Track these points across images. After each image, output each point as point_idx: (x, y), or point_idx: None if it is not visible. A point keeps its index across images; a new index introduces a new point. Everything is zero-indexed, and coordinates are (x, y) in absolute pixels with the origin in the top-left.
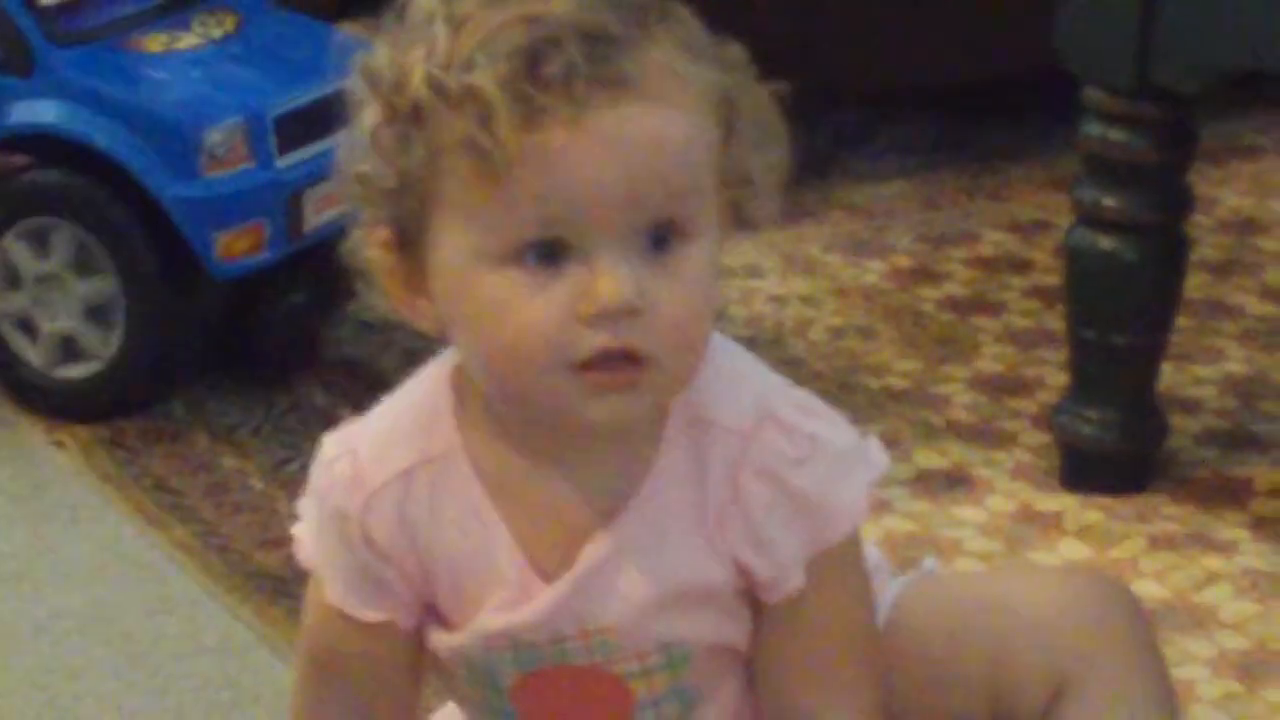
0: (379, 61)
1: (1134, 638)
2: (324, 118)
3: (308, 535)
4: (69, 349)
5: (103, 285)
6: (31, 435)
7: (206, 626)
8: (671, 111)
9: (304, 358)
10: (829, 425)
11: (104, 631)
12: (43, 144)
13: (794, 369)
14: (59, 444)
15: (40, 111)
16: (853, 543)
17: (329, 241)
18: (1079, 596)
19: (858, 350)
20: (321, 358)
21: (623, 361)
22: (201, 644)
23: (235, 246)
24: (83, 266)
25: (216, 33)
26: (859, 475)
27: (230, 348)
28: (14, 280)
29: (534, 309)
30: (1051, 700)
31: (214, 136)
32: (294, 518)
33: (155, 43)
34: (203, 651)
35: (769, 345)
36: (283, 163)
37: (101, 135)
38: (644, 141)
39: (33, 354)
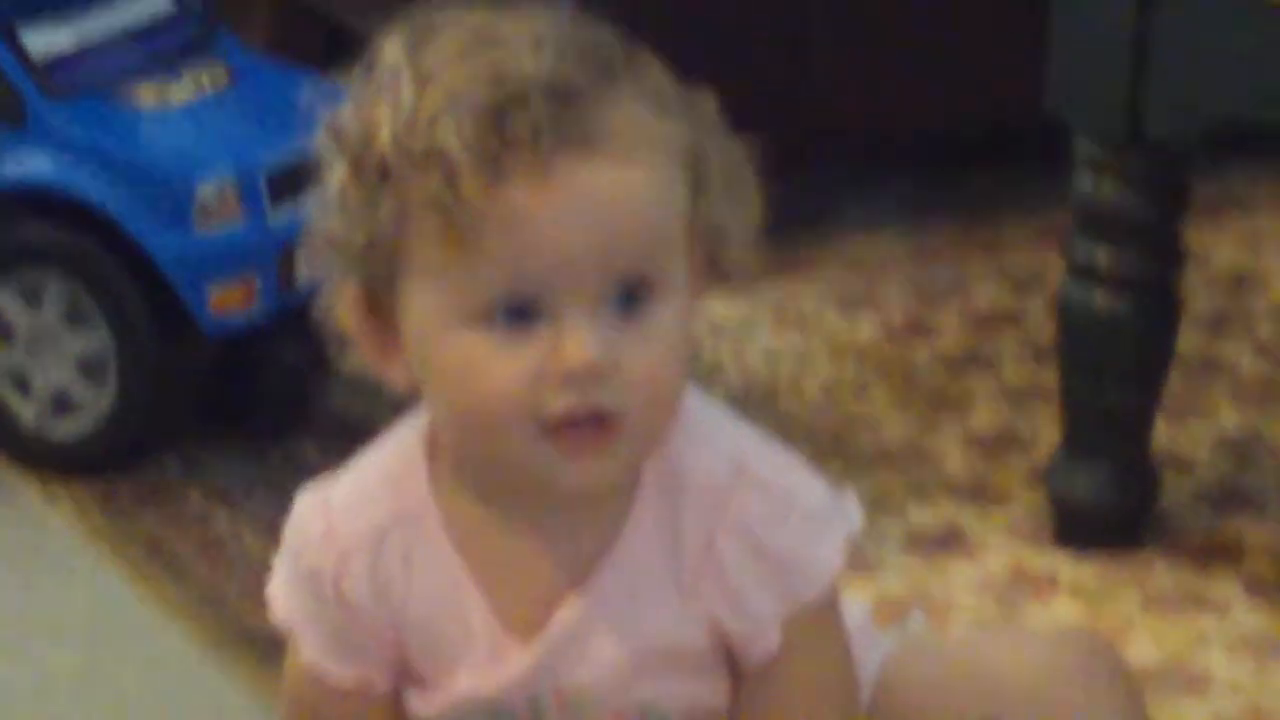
0: (345, 119)
1: (1123, 699)
2: (314, 172)
3: (280, 593)
4: (61, 403)
5: (95, 339)
6: (25, 493)
7: (200, 686)
8: (639, 168)
9: (296, 414)
10: (802, 481)
11: (98, 691)
12: (35, 197)
13: (786, 425)
14: (53, 502)
15: (32, 164)
16: (829, 600)
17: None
18: (1068, 658)
19: (851, 407)
20: (314, 414)
21: (593, 424)
22: (195, 703)
23: (227, 300)
24: (75, 320)
25: (209, 86)
26: (834, 532)
27: (223, 404)
28: (7, 335)
29: (502, 369)
30: None
31: (206, 190)
32: None
33: (148, 96)
34: (197, 711)
35: (762, 401)
36: (274, 217)
37: (93, 188)
38: (611, 199)
39: (26, 410)
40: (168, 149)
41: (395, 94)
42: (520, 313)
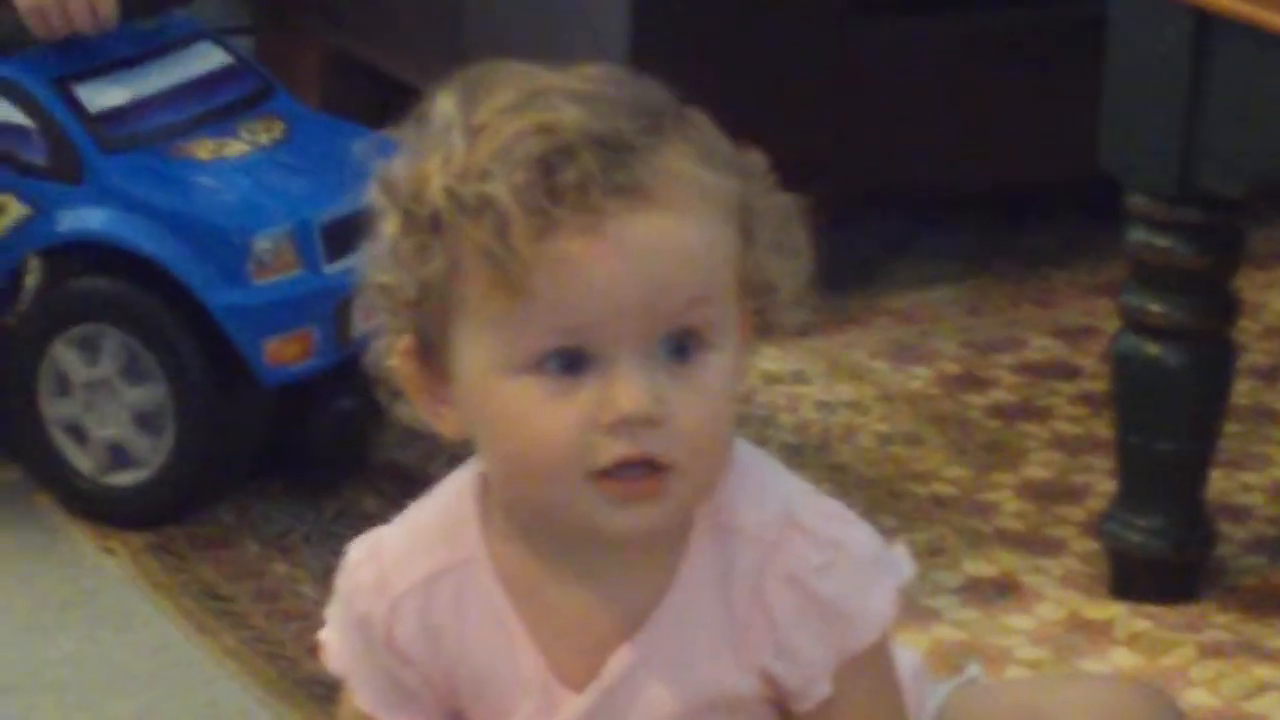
0: (397, 171)
1: None
2: (371, 224)
3: (334, 640)
4: (118, 456)
5: (152, 393)
6: (81, 542)
7: None
8: (688, 220)
9: (353, 463)
10: (853, 531)
11: None
12: (93, 251)
13: (841, 475)
14: (109, 551)
15: (90, 218)
16: (880, 649)
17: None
18: (1123, 707)
19: (905, 457)
20: (370, 463)
21: (643, 470)
22: None
23: (284, 353)
24: (132, 374)
25: (264, 139)
26: (885, 581)
27: (280, 453)
28: (64, 387)
29: (553, 418)
30: None
31: (262, 244)
32: None
33: (204, 150)
34: None
35: (816, 451)
36: (331, 269)
37: (150, 242)
38: (661, 250)
39: (82, 461)
40: (224, 202)
41: (447, 146)
42: (571, 362)
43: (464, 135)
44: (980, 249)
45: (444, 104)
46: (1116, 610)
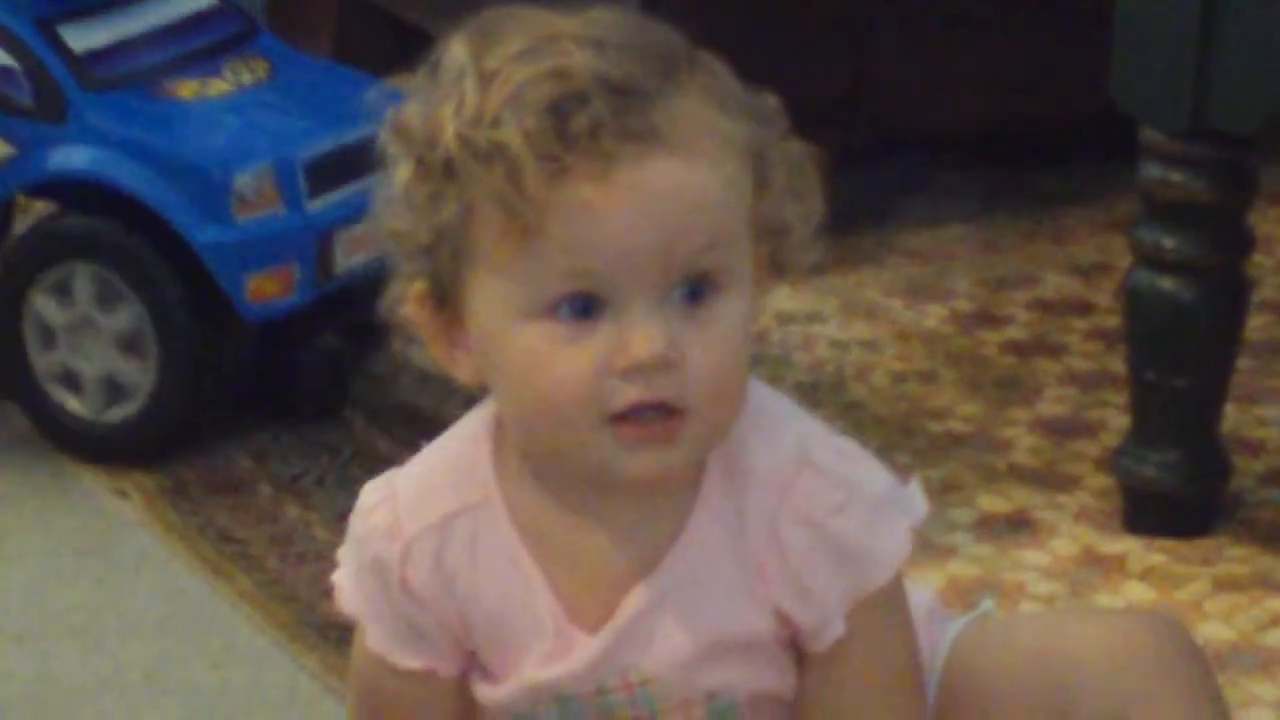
0: (410, 117)
1: (1195, 678)
2: (355, 162)
3: (347, 583)
4: (112, 388)
5: (130, 316)
6: (95, 488)
7: (272, 677)
8: (701, 164)
9: (337, 400)
10: (867, 471)
11: (169, 683)
12: (74, 190)
13: (856, 414)
14: (122, 495)
15: (74, 157)
16: (894, 588)
17: (362, 284)
18: (1138, 639)
19: (919, 395)
20: (384, 405)
21: (658, 414)
22: (267, 695)
23: (265, 289)
24: (106, 301)
25: (248, 79)
26: (899, 520)
27: (265, 390)
28: (48, 339)
29: (567, 363)
30: None
31: (244, 180)
32: None
33: (187, 89)
34: (268, 703)
35: (830, 390)
36: (313, 206)
37: (133, 180)
38: (673, 194)
39: (78, 405)
40: (206, 140)
41: (460, 92)
42: (585, 306)
43: (476, 81)
44: (994, 187)
45: (456, 50)
46: (1131, 545)
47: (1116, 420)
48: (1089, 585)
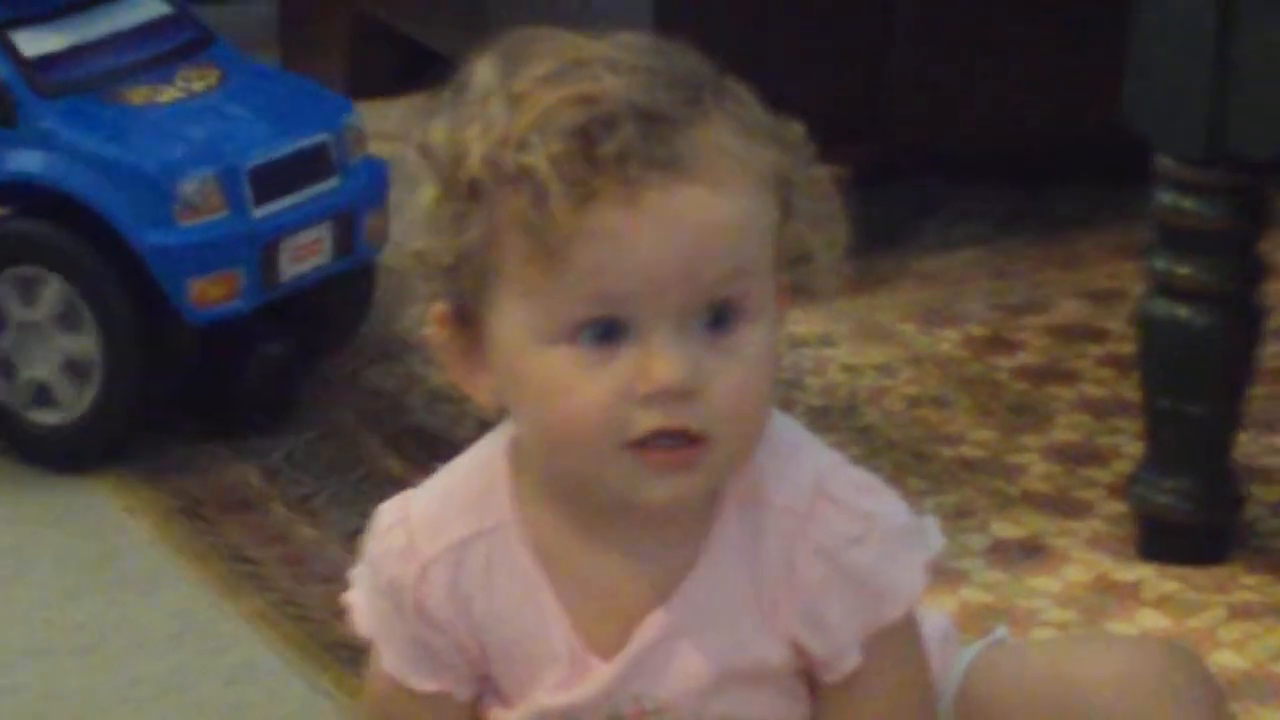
0: (436, 138)
1: (1208, 707)
2: (302, 170)
3: (361, 603)
4: (42, 396)
5: (84, 343)
6: (105, 504)
7: (285, 696)
8: (727, 192)
9: (281, 408)
10: (885, 503)
11: (181, 700)
12: (26, 194)
13: (868, 438)
14: (133, 513)
15: (23, 161)
16: (909, 621)
17: (309, 292)
18: (1151, 667)
19: (932, 419)
20: (396, 426)
21: (678, 441)
22: (280, 713)
23: (209, 294)
24: (67, 322)
25: (198, 86)
26: (915, 554)
27: (209, 399)
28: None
29: (589, 388)
30: None
31: (188, 186)
32: None
33: (138, 96)
34: None
35: (843, 414)
36: (258, 213)
37: (80, 184)
38: (698, 222)
39: (5, 392)
40: (152, 146)
41: (487, 115)
42: (607, 332)
43: (504, 104)
44: (1008, 212)
45: (484, 71)
46: (1144, 572)
47: (1130, 447)
48: (1102, 612)
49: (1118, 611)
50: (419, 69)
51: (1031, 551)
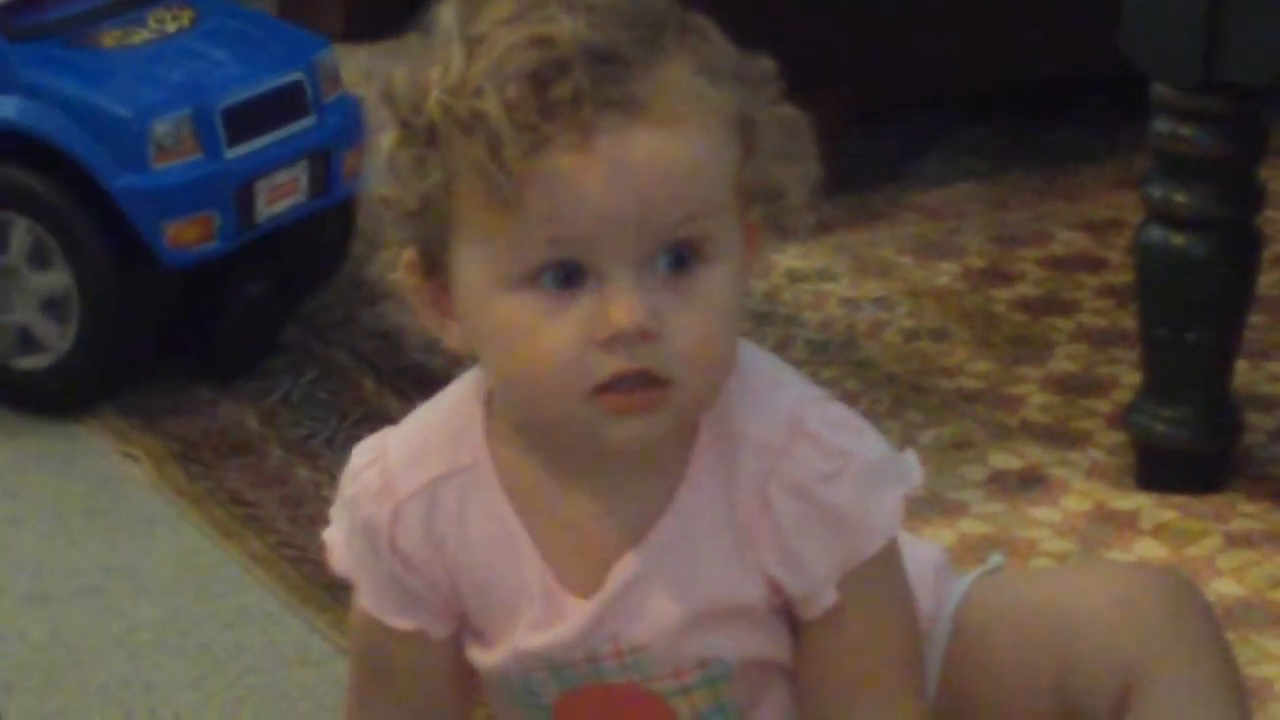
0: (397, 82)
1: (1202, 634)
2: (276, 110)
3: (339, 542)
4: (25, 340)
5: (58, 279)
6: (103, 449)
7: (284, 638)
8: (683, 133)
9: (261, 349)
10: (861, 439)
11: (181, 644)
12: (2, 139)
13: (867, 371)
14: (131, 457)
15: None
16: (888, 556)
17: (289, 232)
18: (1143, 593)
19: (931, 352)
20: (394, 366)
21: (642, 382)
22: (279, 655)
23: (185, 236)
24: (38, 261)
25: (171, 27)
26: (892, 489)
27: (189, 340)
28: None
29: (550, 333)
30: (1121, 698)
31: (161, 128)
32: None
33: (110, 38)
34: (280, 663)
35: (842, 348)
36: (232, 154)
37: (54, 129)
38: (654, 164)
39: None
40: (124, 88)
41: (445, 59)
42: (567, 276)
43: (462, 46)
44: (1006, 144)
45: (445, 14)
46: (1143, 501)
47: (1128, 377)
48: (1101, 542)
49: (1116, 541)
50: (419, 11)
51: (1030, 482)
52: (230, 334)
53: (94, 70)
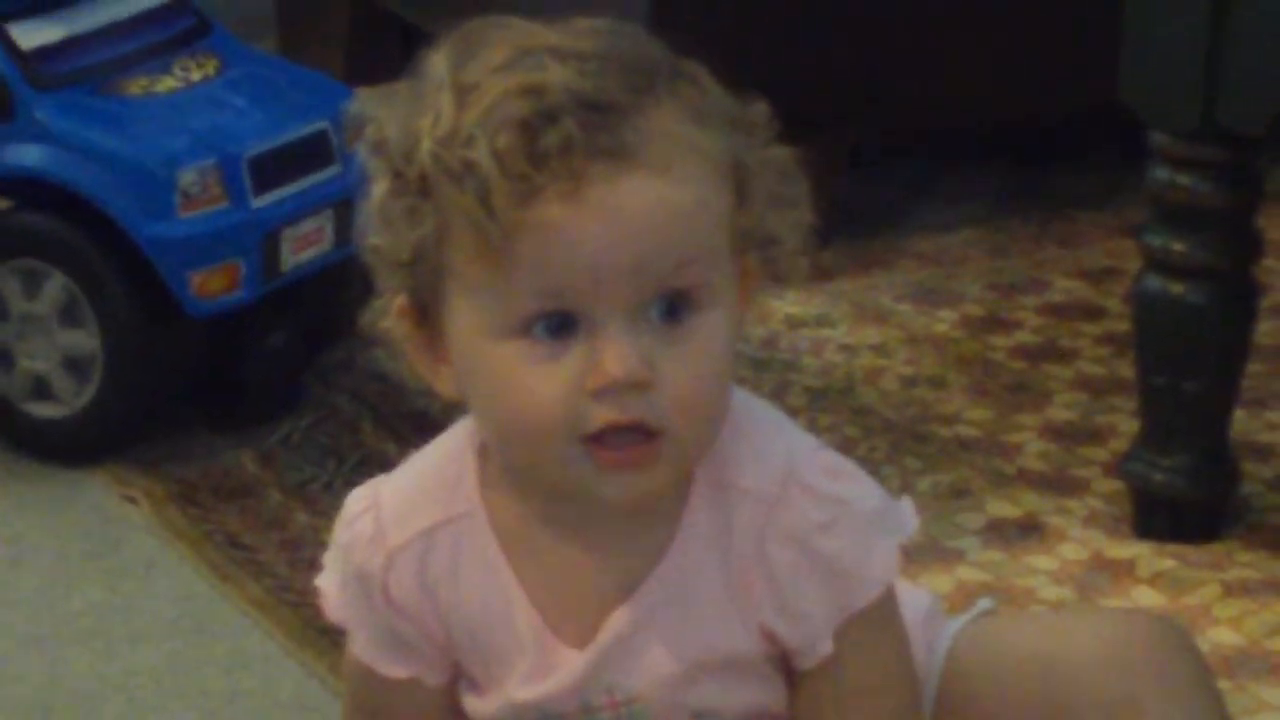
0: (389, 131)
1: (1193, 680)
2: (302, 159)
3: (332, 589)
4: (40, 389)
5: (85, 342)
6: (103, 492)
7: (282, 682)
8: (675, 180)
9: (284, 399)
10: (856, 487)
11: (180, 687)
12: (26, 187)
13: (865, 418)
14: (131, 500)
15: (22, 155)
16: (884, 605)
17: (313, 281)
18: (1133, 637)
19: (929, 399)
20: (393, 411)
21: (635, 436)
22: (277, 700)
23: (210, 285)
24: (69, 317)
25: (196, 76)
26: (888, 538)
27: (212, 390)
28: (1, 312)
29: (541, 383)
30: None
31: (187, 177)
32: None
33: (135, 86)
34: (278, 707)
35: (840, 394)
36: (258, 202)
37: (80, 177)
38: (645, 212)
39: (3, 383)
40: (150, 137)
41: (436, 107)
42: (559, 326)
43: (453, 95)
44: (1004, 191)
45: (436, 61)
46: (1140, 550)
47: (1126, 425)
48: (1098, 590)
49: (1114, 589)
50: (417, 54)
51: (1028, 530)
52: (251, 383)
53: (120, 118)
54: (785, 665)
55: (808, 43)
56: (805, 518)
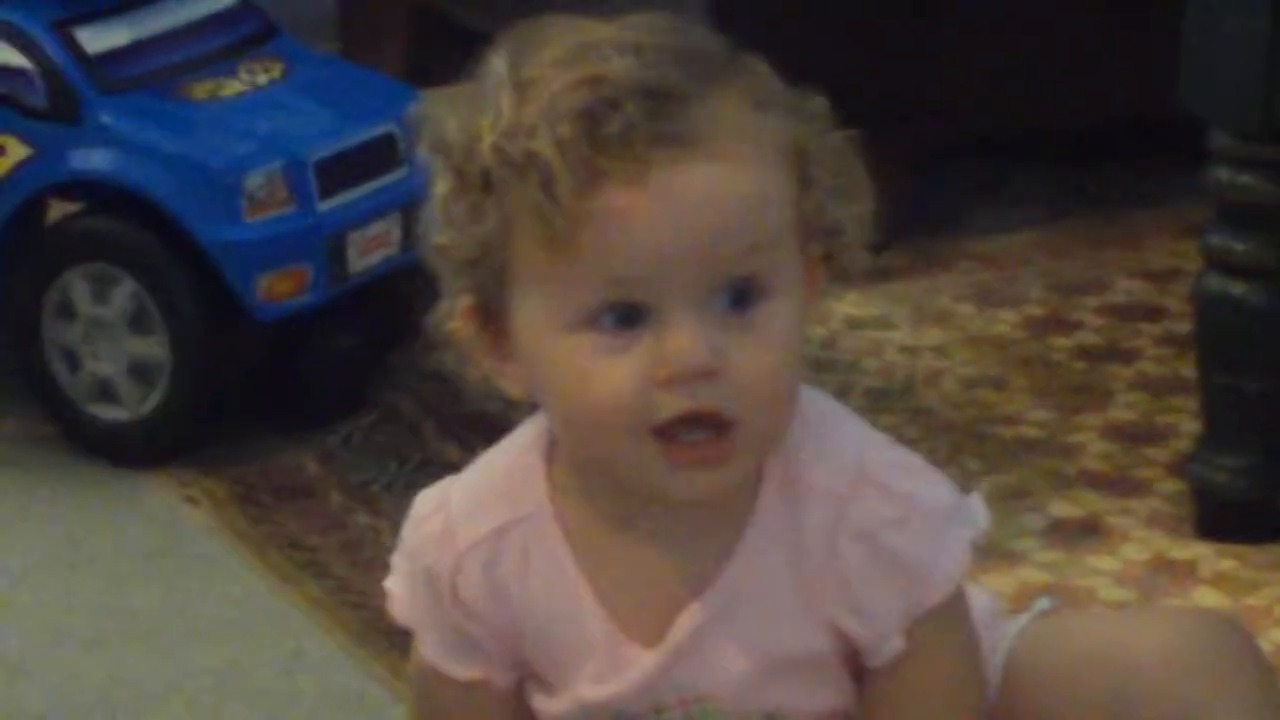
0: (449, 130)
1: (1255, 680)
2: (368, 161)
3: (400, 591)
4: (105, 392)
5: (152, 350)
6: (163, 492)
7: (341, 683)
8: (738, 166)
9: (349, 402)
10: (927, 484)
11: (239, 688)
12: (93, 191)
13: (925, 419)
14: (191, 501)
15: (89, 159)
16: (955, 602)
17: (380, 284)
18: (1196, 637)
19: (990, 400)
20: (453, 412)
21: (707, 431)
22: (336, 700)
23: (277, 289)
24: (138, 325)
25: (262, 79)
26: (959, 534)
27: (277, 393)
28: (69, 313)
29: (610, 374)
30: None
31: (254, 181)
32: None
33: (201, 90)
34: (338, 708)
35: (901, 396)
36: (325, 206)
37: (146, 181)
38: (709, 198)
39: (68, 384)
40: (217, 141)
41: (496, 104)
42: (626, 316)
43: (512, 92)
44: (1065, 192)
45: (495, 60)
46: (1202, 550)
47: (1188, 425)
48: (1160, 591)
49: (1175, 590)
50: (479, 54)
51: (1089, 531)
52: (318, 387)
53: (186, 122)
54: (855, 664)
55: (866, 45)
56: (876, 515)
